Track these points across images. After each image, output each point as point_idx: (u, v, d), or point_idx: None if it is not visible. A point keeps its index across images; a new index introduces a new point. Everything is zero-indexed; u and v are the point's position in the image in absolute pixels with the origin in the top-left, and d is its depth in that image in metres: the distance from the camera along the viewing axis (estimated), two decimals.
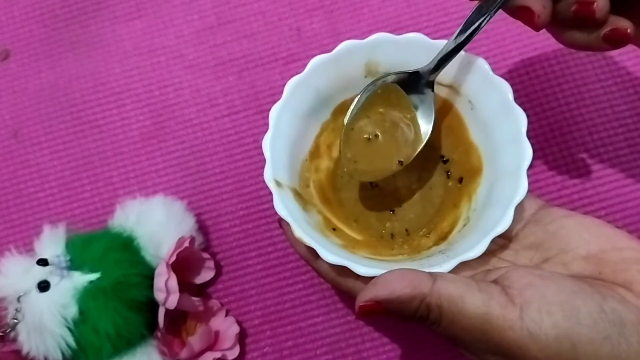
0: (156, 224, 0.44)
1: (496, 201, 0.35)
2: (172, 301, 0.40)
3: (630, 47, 0.49)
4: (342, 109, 0.40)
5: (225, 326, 0.44)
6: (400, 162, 0.38)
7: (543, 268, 0.33)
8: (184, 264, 0.43)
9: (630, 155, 0.47)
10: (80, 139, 0.50)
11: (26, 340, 0.40)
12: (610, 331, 0.28)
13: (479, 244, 0.33)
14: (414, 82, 0.37)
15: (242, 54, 0.52)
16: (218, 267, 0.47)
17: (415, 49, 0.37)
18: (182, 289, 0.41)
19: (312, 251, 0.34)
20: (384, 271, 0.31)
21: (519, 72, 0.50)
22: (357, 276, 0.33)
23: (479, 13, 0.35)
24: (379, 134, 0.39)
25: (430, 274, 0.31)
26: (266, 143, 0.36)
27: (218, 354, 0.43)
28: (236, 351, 0.44)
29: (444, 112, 0.39)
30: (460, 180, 0.39)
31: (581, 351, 0.28)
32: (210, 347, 0.43)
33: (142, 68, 0.52)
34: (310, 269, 0.46)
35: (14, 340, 0.40)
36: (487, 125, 0.37)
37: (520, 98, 0.49)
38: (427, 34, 0.37)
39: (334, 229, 0.38)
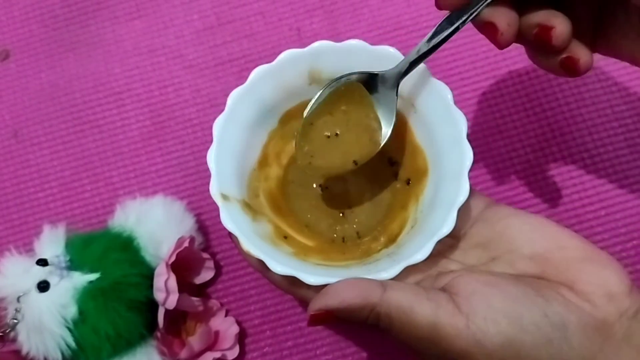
0: (156, 224, 0.44)
1: (440, 203, 0.35)
2: (172, 301, 0.40)
3: None
4: (289, 116, 0.40)
5: (225, 326, 0.44)
6: (355, 162, 0.38)
7: (490, 267, 0.34)
8: (183, 264, 0.43)
9: (630, 156, 0.47)
10: (80, 139, 0.50)
11: (26, 340, 0.40)
12: (552, 335, 0.29)
13: (424, 247, 0.33)
14: (377, 84, 0.37)
15: (242, 54, 0.52)
16: (218, 267, 0.47)
17: (356, 56, 0.37)
18: (181, 289, 0.41)
19: (264, 263, 0.34)
20: (333, 280, 0.32)
21: (519, 72, 0.50)
22: (309, 285, 0.33)
23: (448, 22, 0.35)
24: (339, 132, 0.38)
25: (381, 282, 0.31)
26: (211, 156, 0.36)
27: (218, 354, 0.43)
28: (236, 351, 0.44)
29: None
30: (408, 182, 0.39)
31: (524, 356, 0.29)
32: (210, 347, 0.43)
33: (142, 68, 0.52)
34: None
35: (14, 340, 0.40)
36: (430, 128, 0.37)
37: (521, 98, 0.49)
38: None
39: (285, 237, 0.38)
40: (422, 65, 0.36)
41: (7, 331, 0.40)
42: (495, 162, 0.48)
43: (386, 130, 0.37)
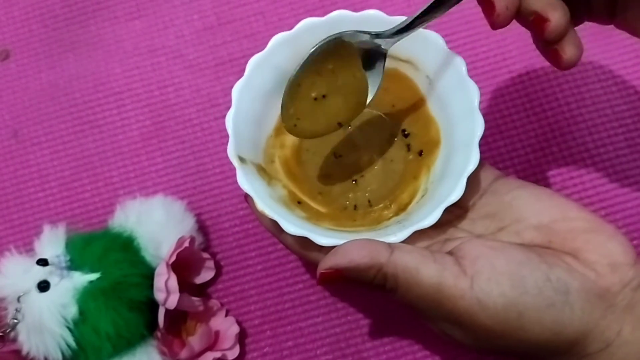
0: (156, 224, 0.44)
1: (451, 172, 0.36)
2: (172, 301, 0.40)
3: (630, 47, 0.50)
4: None
5: (225, 326, 0.44)
6: (340, 124, 0.38)
7: (498, 237, 0.34)
8: (184, 264, 0.43)
9: (630, 156, 0.47)
10: (80, 139, 0.50)
11: (26, 340, 0.40)
12: (554, 299, 0.30)
13: (433, 213, 0.34)
14: (367, 46, 0.37)
15: (243, 54, 0.52)
16: (218, 267, 0.47)
17: (373, 26, 0.37)
18: (182, 289, 0.41)
19: (277, 225, 0.34)
20: (343, 241, 0.33)
21: (519, 72, 0.50)
22: (320, 248, 0.34)
23: None
24: (325, 94, 0.38)
25: (389, 244, 0.32)
26: (229, 120, 0.37)
27: (218, 354, 0.43)
28: (236, 351, 0.44)
29: (404, 87, 0.40)
30: (420, 153, 0.40)
31: (526, 318, 0.30)
32: (210, 347, 0.43)
33: (142, 68, 0.52)
34: (310, 269, 0.46)
35: (14, 340, 0.40)
36: (444, 99, 0.38)
37: (521, 98, 0.49)
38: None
39: (299, 202, 0.39)
40: (437, 37, 0.37)
41: (8, 331, 0.40)
42: (496, 162, 0.48)
43: (372, 92, 0.38)
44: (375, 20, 0.38)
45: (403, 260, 0.31)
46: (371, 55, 0.37)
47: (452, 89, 0.37)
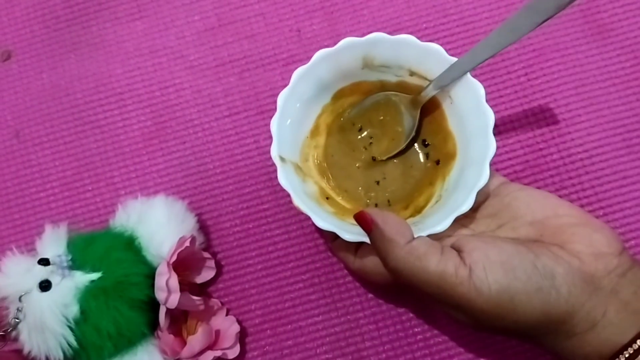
0: (157, 224, 0.44)
1: (464, 185, 0.40)
2: (173, 300, 0.40)
3: (628, 49, 0.50)
4: (340, 94, 0.45)
5: (226, 325, 0.44)
6: (374, 158, 0.46)
7: (497, 233, 0.39)
8: (184, 264, 0.43)
9: (628, 156, 0.48)
10: (81, 139, 0.50)
11: (27, 339, 0.40)
12: (542, 283, 0.34)
13: (445, 221, 0.38)
14: (407, 103, 0.44)
15: (243, 55, 0.52)
16: (219, 267, 0.47)
17: (405, 48, 0.42)
18: (183, 289, 0.41)
19: (330, 234, 0.40)
20: (365, 238, 0.37)
21: (517, 73, 0.50)
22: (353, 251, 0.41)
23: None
24: (372, 137, 0.46)
25: (412, 235, 0.36)
26: (274, 124, 0.41)
27: (218, 353, 0.43)
28: (236, 350, 0.44)
29: (430, 104, 0.44)
30: (437, 162, 0.44)
31: (517, 301, 0.33)
32: (210, 346, 0.43)
33: (143, 69, 0.52)
34: (310, 268, 0.47)
35: (16, 339, 0.41)
36: (462, 117, 0.42)
37: (519, 99, 0.49)
38: (426, 35, 0.38)
39: (327, 198, 0.44)
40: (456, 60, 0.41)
41: (9, 330, 0.40)
42: (495, 163, 0.48)
43: (408, 135, 0.45)
44: (408, 43, 0.42)
45: (417, 249, 0.35)
46: (407, 109, 0.44)
47: (470, 110, 0.41)
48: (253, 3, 0.53)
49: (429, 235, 0.37)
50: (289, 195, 0.39)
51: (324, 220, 0.39)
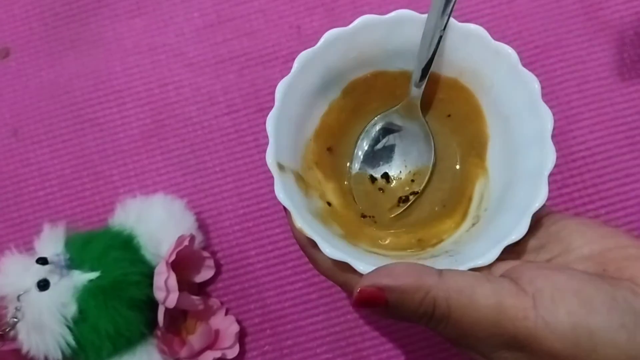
0: (156, 223, 0.44)
1: (511, 205, 0.33)
2: (172, 300, 0.40)
3: (630, 45, 0.49)
4: (353, 87, 0.38)
5: (225, 325, 0.44)
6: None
7: None
8: (183, 263, 0.43)
9: (631, 154, 0.47)
10: (80, 137, 0.50)
11: (26, 339, 0.40)
12: (624, 319, 0.27)
13: (491, 251, 0.31)
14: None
15: (243, 52, 0.52)
16: (218, 266, 0.47)
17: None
18: (181, 288, 0.41)
19: (311, 240, 0.32)
20: None
21: None
22: (354, 271, 0.31)
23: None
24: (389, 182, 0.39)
25: (436, 269, 0.29)
26: (270, 122, 0.33)
27: (218, 353, 0.43)
28: (236, 350, 0.44)
29: (462, 100, 0.37)
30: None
31: (599, 340, 0.26)
32: (210, 346, 0.43)
33: (142, 66, 0.52)
34: (310, 268, 0.46)
35: (14, 339, 0.40)
36: (509, 120, 0.35)
37: None
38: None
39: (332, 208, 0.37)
40: (509, 50, 0.35)
41: (7, 330, 0.40)
42: None
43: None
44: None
45: (455, 282, 0.28)
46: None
47: (520, 110, 0.34)
48: (253, 0, 0.53)
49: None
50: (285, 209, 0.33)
51: (334, 247, 0.31)
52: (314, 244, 0.32)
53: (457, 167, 0.38)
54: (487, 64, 0.35)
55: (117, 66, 0.52)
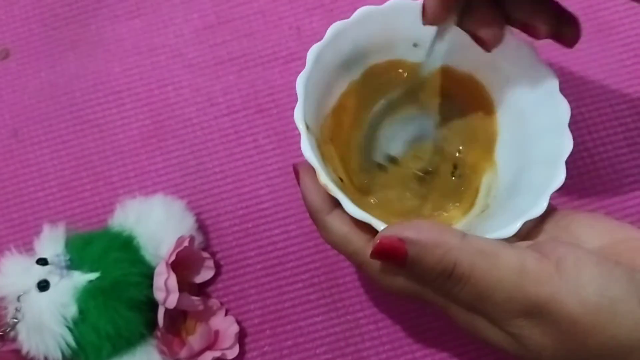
0: (156, 223, 0.44)
1: (526, 189, 0.34)
2: (172, 300, 0.40)
3: (629, 46, 0.50)
4: (372, 72, 0.38)
5: (225, 325, 0.44)
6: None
7: None
8: (183, 263, 0.43)
9: (630, 155, 0.47)
10: (80, 138, 0.50)
11: (26, 339, 0.40)
12: None
13: (511, 225, 0.31)
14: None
15: (242, 53, 0.52)
16: (218, 267, 0.47)
17: None
18: (181, 288, 0.41)
19: (326, 204, 0.32)
20: None
21: None
22: (365, 238, 0.31)
23: (440, 38, 0.35)
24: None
25: (459, 230, 0.29)
26: (301, 82, 0.33)
27: (217, 353, 0.43)
28: (236, 350, 0.44)
29: (477, 97, 0.38)
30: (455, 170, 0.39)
31: (619, 309, 0.26)
32: (209, 347, 0.43)
33: (142, 67, 0.52)
34: (309, 268, 0.46)
35: (14, 339, 0.40)
36: (524, 113, 0.36)
37: None
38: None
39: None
40: (523, 45, 0.36)
41: (7, 330, 0.40)
42: None
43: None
44: None
45: (478, 244, 0.28)
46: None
47: (536, 103, 0.35)
48: (252, 0, 0.53)
49: None
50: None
51: (355, 207, 0.31)
52: (328, 210, 0.32)
53: (461, 157, 0.39)
54: (506, 58, 0.35)
55: (116, 67, 0.52)
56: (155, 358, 0.42)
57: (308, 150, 0.32)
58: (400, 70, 0.38)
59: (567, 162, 0.33)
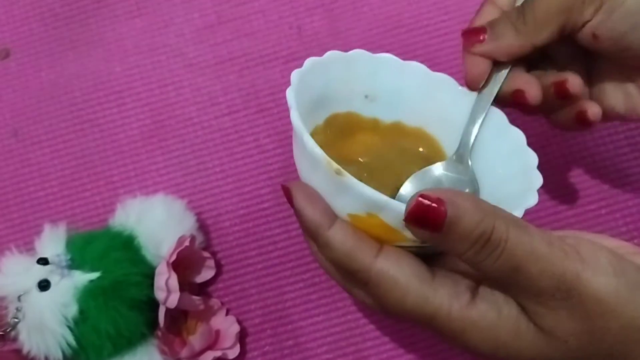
0: (157, 223, 0.44)
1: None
2: (173, 300, 0.40)
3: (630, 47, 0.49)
4: (332, 120, 0.39)
5: (226, 325, 0.44)
6: None
7: None
8: (184, 263, 0.43)
9: (631, 154, 0.47)
10: (80, 137, 0.50)
11: (27, 339, 0.40)
12: None
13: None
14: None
15: (243, 53, 0.52)
16: (218, 266, 0.47)
17: (414, 77, 0.39)
18: (182, 288, 0.41)
19: (326, 216, 0.31)
20: None
21: None
22: (370, 255, 0.30)
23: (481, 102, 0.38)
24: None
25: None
26: (295, 73, 0.35)
27: (218, 353, 0.43)
28: (236, 350, 0.44)
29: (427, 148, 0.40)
30: None
31: (637, 292, 0.27)
32: (210, 346, 0.43)
33: (142, 67, 0.52)
34: (310, 268, 0.46)
35: (15, 339, 0.40)
36: (493, 164, 0.38)
37: None
38: (427, 32, 0.37)
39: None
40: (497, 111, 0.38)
41: (8, 330, 0.40)
42: None
43: None
44: (416, 72, 0.39)
45: (511, 215, 0.28)
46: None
47: (504, 157, 0.37)
48: (253, 0, 0.53)
49: None
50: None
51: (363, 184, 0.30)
52: (329, 224, 0.31)
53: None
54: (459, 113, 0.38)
55: (117, 67, 0.52)
56: (156, 358, 0.42)
57: (297, 119, 0.32)
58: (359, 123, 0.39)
59: (568, 162, 0.33)
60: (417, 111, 0.40)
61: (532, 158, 0.36)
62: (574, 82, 0.37)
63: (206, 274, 0.46)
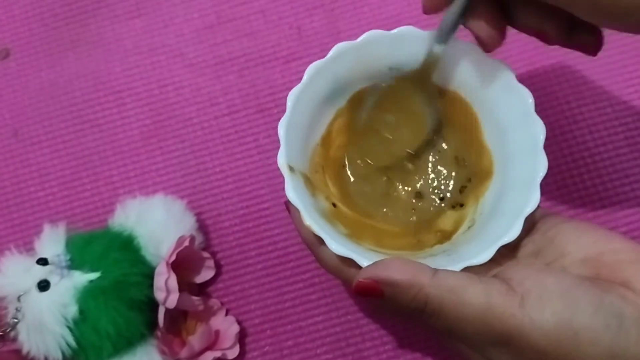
0: (156, 223, 0.44)
1: (505, 210, 0.35)
2: (172, 300, 0.40)
3: (630, 46, 0.50)
4: (358, 96, 0.40)
5: (226, 325, 0.44)
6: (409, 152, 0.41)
7: None
8: (184, 263, 0.43)
9: (630, 154, 0.47)
10: (80, 137, 0.50)
11: (26, 339, 0.40)
12: (610, 321, 0.28)
13: (486, 251, 0.32)
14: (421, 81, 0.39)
15: (243, 53, 0.52)
16: (218, 266, 0.47)
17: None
18: (182, 288, 0.41)
19: (318, 238, 0.34)
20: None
21: (519, 71, 0.50)
22: (358, 267, 0.33)
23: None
24: (395, 128, 0.41)
25: (431, 268, 0.31)
26: (282, 127, 0.36)
27: (218, 354, 0.43)
28: (236, 350, 0.44)
29: (461, 112, 0.39)
30: (469, 180, 0.40)
31: (583, 338, 0.28)
32: (210, 347, 0.43)
33: (142, 67, 0.52)
34: (310, 268, 0.46)
35: (14, 339, 0.40)
36: (503, 131, 0.37)
37: None
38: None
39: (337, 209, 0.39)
40: (503, 66, 0.37)
41: (8, 330, 0.40)
42: None
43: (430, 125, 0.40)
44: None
45: (447, 281, 0.30)
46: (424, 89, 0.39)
47: (513, 122, 0.36)
48: (252, 0, 0.53)
49: (464, 269, 0.32)
50: (289, 203, 0.34)
51: (339, 244, 0.33)
52: (320, 242, 0.34)
53: (453, 174, 0.41)
54: (483, 79, 0.37)
55: (116, 67, 0.52)
56: (155, 358, 0.42)
57: (292, 195, 0.34)
58: (385, 91, 0.40)
59: (568, 162, 0.33)
60: (450, 75, 0.39)
61: (539, 130, 0.35)
62: (551, 37, 0.36)
63: (206, 274, 0.46)
